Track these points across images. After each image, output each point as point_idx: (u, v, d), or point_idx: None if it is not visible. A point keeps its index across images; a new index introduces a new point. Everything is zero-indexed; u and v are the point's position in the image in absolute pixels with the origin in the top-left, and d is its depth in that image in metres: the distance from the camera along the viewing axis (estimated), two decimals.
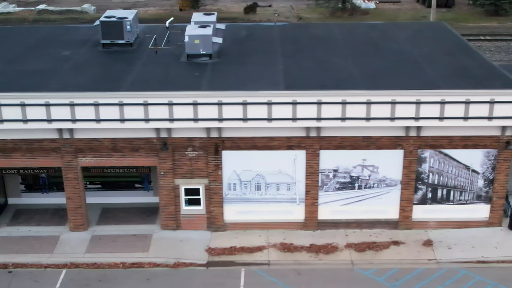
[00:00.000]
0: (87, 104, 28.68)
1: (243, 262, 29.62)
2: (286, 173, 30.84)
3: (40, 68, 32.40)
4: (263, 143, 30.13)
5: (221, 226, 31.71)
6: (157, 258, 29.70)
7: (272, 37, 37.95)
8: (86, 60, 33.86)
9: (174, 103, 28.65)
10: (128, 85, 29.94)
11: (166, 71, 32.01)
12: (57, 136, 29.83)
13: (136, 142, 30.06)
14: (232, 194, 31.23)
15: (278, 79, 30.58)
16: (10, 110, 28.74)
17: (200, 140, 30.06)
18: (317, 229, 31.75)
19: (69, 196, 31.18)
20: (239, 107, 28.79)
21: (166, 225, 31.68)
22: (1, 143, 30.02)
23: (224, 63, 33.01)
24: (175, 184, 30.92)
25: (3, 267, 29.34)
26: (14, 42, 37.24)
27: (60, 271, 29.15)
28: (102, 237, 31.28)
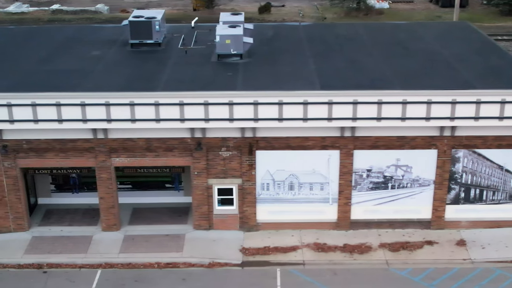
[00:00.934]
0: (122, 104, 28.67)
1: (277, 262, 29.59)
2: (319, 173, 30.81)
3: (72, 68, 32.38)
4: (297, 143, 30.11)
5: (254, 226, 31.69)
6: (192, 258, 29.67)
7: (299, 37, 37.93)
8: (117, 60, 33.85)
9: (209, 103, 28.64)
10: (163, 85, 29.92)
11: (198, 71, 31.98)
12: (91, 136, 29.81)
13: (170, 142, 30.04)
14: (265, 194, 31.21)
15: (312, 78, 30.56)
16: (46, 110, 28.72)
17: (234, 140, 30.04)
18: (349, 229, 31.72)
19: (102, 196, 31.15)
20: (274, 107, 28.77)
21: (198, 225, 31.66)
22: (35, 143, 30.00)
23: (255, 63, 32.99)
24: (208, 184, 30.90)
25: (38, 267, 29.32)
26: (42, 42, 37.21)
27: (95, 271, 29.12)
28: (135, 237, 31.26)
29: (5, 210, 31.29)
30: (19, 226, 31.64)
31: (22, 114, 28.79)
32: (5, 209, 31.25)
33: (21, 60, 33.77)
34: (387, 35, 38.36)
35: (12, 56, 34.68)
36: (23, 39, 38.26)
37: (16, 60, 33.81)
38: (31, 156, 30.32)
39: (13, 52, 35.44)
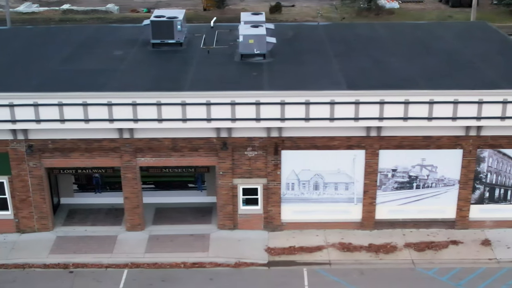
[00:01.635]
0: (149, 104, 28.66)
1: (304, 262, 29.58)
2: (344, 172, 30.80)
3: (96, 68, 32.38)
4: (323, 142, 30.10)
5: (278, 225, 31.67)
6: (218, 258, 29.65)
7: (320, 37, 37.92)
8: (140, 60, 33.85)
9: (236, 102, 28.61)
10: (189, 84, 29.90)
11: (222, 70, 31.97)
12: (117, 136, 29.79)
13: (196, 142, 30.02)
14: (290, 193, 31.19)
15: (338, 78, 30.55)
16: (72, 109, 28.71)
17: (260, 140, 30.02)
18: (374, 228, 31.70)
19: (127, 196, 31.13)
20: (301, 107, 28.75)
21: (223, 224, 31.64)
22: (60, 143, 29.99)
23: (278, 62, 32.96)
24: (233, 183, 30.88)
25: (64, 267, 29.30)
26: (62, 42, 37.20)
27: (122, 271, 29.09)
28: (160, 237, 31.23)
29: (30, 210, 31.27)
30: (43, 226, 31.61)
31: (48, 114, 28.78)
32: (30, 209, 31.23)
33: (44, 60, 33.75)
34: (407, 35, 38.35)
35: (34, 56, 34.66)
36: (43, 39, 38.25)
37: (39, 60, 33.79)
38: (56, 155, 30.30)
39: (35, 52, 35.42)
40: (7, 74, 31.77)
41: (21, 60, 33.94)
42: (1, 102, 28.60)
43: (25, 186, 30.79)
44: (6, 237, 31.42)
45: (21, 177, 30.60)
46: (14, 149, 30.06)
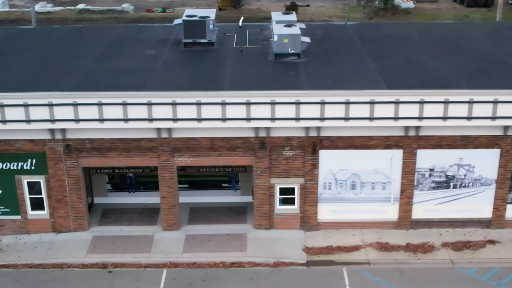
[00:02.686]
0: (189, 103, 28.62)
1: (342, 262, 29.53)
2: (382, 172, 30.76)
3: (131, 67, 32.34)
4: (361, 142, 30.06)
5: (315, 225, 31.63)
6: (257, 258, 29.61)
7: (350, 36, 37.88)
8: (174, 59, 33.80)
9: (276, 102, 28.58)
10: (228, 84, 29.86)
11: (258, 70, 31.94)
12: (155, 135, 29.76)
13: (233, 142, 29.99)
14: (327, 193, 31.15)
15: (376, 78, 30.50)
16: (112, 109, 28.68)
17: (298, 140, 29.99)
18: (410, 228, 31.66)
19: (163, 196, 31.10)
20: (341, 106, 28.72)
21: (259, 224, 31.60)
22: (98, 143, 29.96)
23: (313, 62, 32.91)
24: (270, 183, 30.83)
25: (102, 267, 29.26)
26: (92, 41, 37.19)
27: (161, 270, 29.04)
28: (197, 237, 31.20)
29: (66, 210, 31.25)
30: (79, 226, 31.58)
31: (87, 113, 28.75)
32: (66, 208, 31.20)
33: (78, 59, 33.71)
34: (437, 35, 38.27)
35: (67, 55, 34.63)
36: (72, 38, 38.21)
37: (73, 59, 33.74)
38: (94, 155, 30.28)
39: (67, 51, 35.38)
40: (44, 74, 31.72)
41: (54, 59, 33.91)
42: (40, 102, 28.58)
43: (61, 186, 30.76)
44: (42, 237, 31.41)
45: (58, 176, 30.57)
46: (52, 149, 30.03)
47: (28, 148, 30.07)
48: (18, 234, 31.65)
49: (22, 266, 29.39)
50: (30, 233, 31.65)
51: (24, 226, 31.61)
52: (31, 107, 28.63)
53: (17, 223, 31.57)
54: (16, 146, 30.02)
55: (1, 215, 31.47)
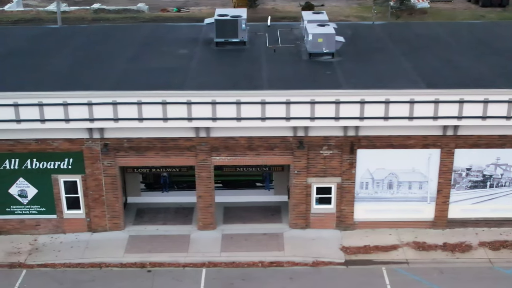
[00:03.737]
0: (229, 102, 28.60)
1: (381, 261, 29.50)
2: (419, 171, 30.73)
3: (167, 66, 32.31)
4: (399, 141, 30.03)
5: (351, 224, 31.61)
6: (295, 257, 29.58)
7: (379, 36, 37.85)
8: (208, 59, 33.77)
9: (316, 101, 28.56)
10: (267, 83, 29.83)
11: (294, 69, 31.92)
12: (193, 134, 29.73)
13: (272, 141, 29.96)
14: (363, 192, 31.13)
15: (414, 77, 30.47)
16: (151, 108, 28.65)
17: (336, 139, 29.96)
18: (446, 227, 31.63)
19: (200, 195, 31.08)
20: (380, 106, 28.69)
21: (295, 223, 31.57)
22: (136, 142, 29.93)
23: (348, 61, 32.88)
24: (307, 182, 30.81)
25: (141, 266, 29.22)
26: (122, 40, 37.17)
27: (200, 270, 29.01)
28: (233, 236, 31.17)
29: (102, 209, 31.21)
30: (115, 225, 31.55)
31: (126, 112, 28.73)
32: (102, 208, 31.17)
33: (112, 59, 33.68)
34: (467, 34, 38.24)
35: (100, 54, 34.57)
36: (101, 37, 38.13)
37: (107, 59, 33.72)
38: (131, 154, 30.24)
39: (99, 50, 35.32)
40: (80, 73, 31.66)
41: (88, 58, 33.85)
42: (79, 101, 28.56)
43: (98, 185, 30.72)
44: (78, 236, 31.39)
45: (94, 176, 30.54)
46: (89, 148, 30.01)
47: (66, 147, 30.04)
48: (53, 234, 31.63)
49: (60, 266, 29.37)
50: (66, 232, 31.62)
51: (60, 226, 31.59)
52: (70, 106, 28.61)
53: (52, 223, 31.56)
54: (54, 145, 29.99)
55: (37, 214, 31.46)
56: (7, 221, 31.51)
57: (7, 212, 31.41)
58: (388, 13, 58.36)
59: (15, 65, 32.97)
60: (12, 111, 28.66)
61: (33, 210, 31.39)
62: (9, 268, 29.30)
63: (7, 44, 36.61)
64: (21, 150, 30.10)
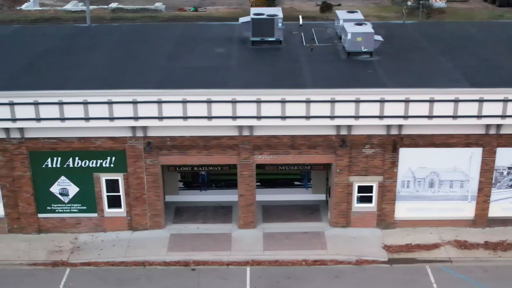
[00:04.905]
0: (274, 101, 28.64)
1: (424, 259, 29.53)
2: (460, 170, 30.75)
3: (207, 65, 32.34)
4: (441, 140, 30.05)
5: (391, 223, 31.64)
6: (339, 256, 29.61)
7: (413, 35, 37.88)
8: (247, 57, 33.80)
9: (361, 100, 28.60)
10: (310, 82, 29.87)
11: (334, 68, 31.97)
12: (236, 133, 29.75)
13: (314, 139, 29.99)
14: (404, 191, 31.16)
15: (456, 76, 30.50)
16: (196, 106, 28.69)
17: (379, 138, 29.98)
18: (486, 226, 31.64)
19: (242, 194, 31.10)
20: (425, 105, 28.72)
21: (336, 222, 31.60)
22: (179, 140, 29.96)
23: (387, 60, 32.90)
24: (349, 181, 30.84)
25: (185, 265, 29.25)
26: (157, 39, 37.23)
27: (243, 268, 29.04)
28: (275, 235, 31.19)
29: (143, 208, 31.24)
30: (156, 224, 31.58)
31: (171, 110, 28.76)
32: (143, 206, 31.20)
33: (151, 57, 33.70)
34: (500, 34, 38.29)
35: (137, 53, 34.60)
36: (135, 36, 38.19)
37: (146, 57, 33.73)
38: (174, 153, 30.26)
39: (136, 49, 35.35)
40: (122, 71, 31.69)
41: (126, 57, 33.89)
42: (124, 99, 28.57)
43: (140, 184, 30.75)
44: (119, 235, 31.42)
45: (137, 174, 30.57)
46: (132, 146, 30.04)
47: (108, 145, 30.07)
48: (93, 232, 31.66)
49: (103, 264, 29.40)
50: (106, 231, 31.65)
51: (100, 224, 31.62)
52: (115, 104, 28.64)
53: (93, 221, 31.59)
54: (96, 143, 30.03)
55: (78, 213, 31.49)
56: (47, 219, 31.57)
57: (48, 210, 31.44)
58: (419, 12, 58.22)
59: (55, 63, 33.03)
60: (57, 109, 28.71)
61: (74, 209, 31.42)
62: (52, 267, 29.36)
63: (43, 43, 36.63)
64: (63, 149, 30.14)
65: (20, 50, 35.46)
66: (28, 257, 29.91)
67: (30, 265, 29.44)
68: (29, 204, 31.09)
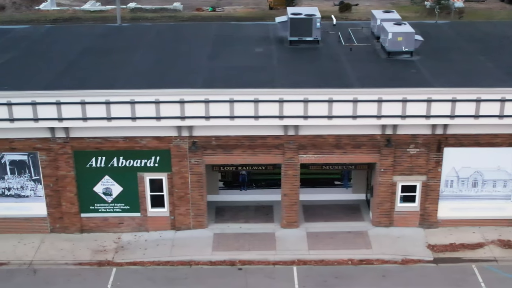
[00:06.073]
0: (321, 100, 28.67)
1: (469, 259, 29.57)
2: (504, 170, 30.79)
3: (250, 65, 32.37)
4: (486, 140, 30.07)
5: (434, 222, 31.66)
6: (384, 255, 29.64)
7: (449, 35, 37.90)
8: (287, 57, 33.83)
9: (408, 99, 28.62)
10: (357, 82, 29.89)
11: (377, 67, 32.01)
12: (282, 132, 29.79)
13: (359, 139, 30.03)
14: (448, 191, 31.19)
15: (500, 76, 30.53)
16: (243, 106, 28.71)
17: (423, 137, 30.01)
18: None
19: (286, 193, 31.13)
20: (471, 104, 28.75)
21: (379, 222, 31.64)
22: (224, 140, 30.00)
23: (428, 60, 32.92)
24: (393, 181, 30.87)
25: (231, 264, 29.27)
26: (195, 39, 37.21)
27: (290, 268, 29.06)
28: (318, 234, 31.24)
29: (187, 207, 31.27)
30: (199, 223, 31.61)
31: (218, 110, 28.80)
32: (187, 206, 31.23)
33: (192, 57, 33.72)
34: None
35: (178, 52, 34.56)
36: (173, 36, 38.13)
37: (187, 57, 33.74)
38: (218, 152, 30.29)
39: (176, 48, 35.32)
40: (166, 71, 31.70)
41: (167, 56, 33.90)
42: (172, 99, 28.61)
43: (184, 183, 30.78)
44: (162, 234, 31.45)
45: (181, 174, 30.60)
46: (177, 146, 30.07)
47: (153, 145, 30.11)
48: (136, 232, 31.70)
49: (149, 264, 29.43)
50: (149, 230, 31.69)
51: (143, 224, 31.66)
52: (162, 104, 28.67)
53: (136, 221, 31.63)
54: (141, 143, 30.07)
55: (121, 212, 31.53)
56: (90, 219, 31.62)
57: (91, 210, 31.48)
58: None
59: (97, 62, 33.06)
60: (104, 109, 28.74)
61: (117, 208, 31.46)
62: (98, 266, 29.39)
63: (79, 42, 36.65)
64: (108, 148, 30.18)
65: (58, 50, 35.49)
66: (73, 257, 29.97)
67: (76, 265, 29.49)
68: (73, 203, 31.14)
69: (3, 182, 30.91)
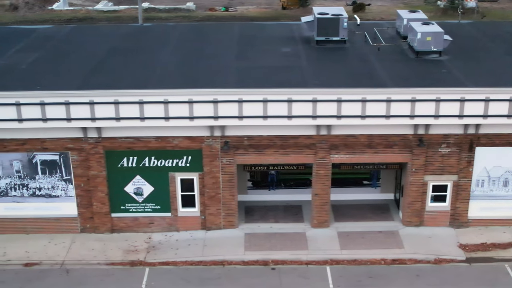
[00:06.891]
0: (354, 100, 28.68)
1: (501, 258, 29.58)
2: None
3: (279, 65, 32.28)
4: None
5: (464, 222, 31.67)
6: (417, 255, 29.64)
7: (473, 34, 37.91)
8: (316, 57, 33.81)
9: (441, 99, 28.64)
10: (390, 81, 29.88)
11: (407, 67, 31.99)
12: (314, 132, 29.81)
13: (391, 139, 30.04)
14: (479, 190, 31.20)
15: None
16: (276, 106, 28.72)
17: (455, 137, 30.02)
18: None
19: (317, 193, 31.14)
20: (504, 104, 28.76)
21: (409, 221, 31.64)
22: (256, 140, 30.01)
23: (458, 59, 32.89)
24: (424, 180, 30.88)
25: (264, 264, 29.28)
26: (219, 39, 37.17)
27: (323, 267, 29.08)
28: (349, 234, 31.25)
29: (217, 207, 31.28)
30: (229, 223, 31.62)
31: (251, 110, 28.80)
32: (218, 206, 31.24)
33: (219, 57, 33.67)
34: None
35: (204, 52, 34.58)
36: (197, 36, 38.10)
37: (213, 57, 33.71)
38: (250, 152, 30.29)
39: (202, 48, 35.31)
40: (196, 70, 31.68)
41: (194, 56, 33.88)
42: (205, 99, 28.62)
43: (216, 183, 30.79)
44: (193, 234, 31.46)
45: (213, 173, 30.61)
46: (209, 146, 30.08)
47: (185, 145, 30.12)
48: (167, 232, 31.71)
49: (181, 263, 29.43)
50: (179, 230, 31.70)
51: (173, 224, 31.67)
52: (195, 103, 28.68)
53: (166, 220, 31.64)
54: (173, 143, 30.08)
55: (151, 212, 31.54)
56: (121, 219, 31.64)
57: (121, 210, 31.50)
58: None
59: (126, 62, 33.05)
60: (137, 109, 28.76)
61: (147, 208, 31.48)
62: (130, 266, 29.40)
63: (104, 42, 36.65)
64: (140, 148, 30.20)
65: (84, 50, 35.47)
66: (104, 257, 29.97)
67: (108, 265, 29.50)
68: (104, 203, 31.15)
69: (34, 182, 30.94)
